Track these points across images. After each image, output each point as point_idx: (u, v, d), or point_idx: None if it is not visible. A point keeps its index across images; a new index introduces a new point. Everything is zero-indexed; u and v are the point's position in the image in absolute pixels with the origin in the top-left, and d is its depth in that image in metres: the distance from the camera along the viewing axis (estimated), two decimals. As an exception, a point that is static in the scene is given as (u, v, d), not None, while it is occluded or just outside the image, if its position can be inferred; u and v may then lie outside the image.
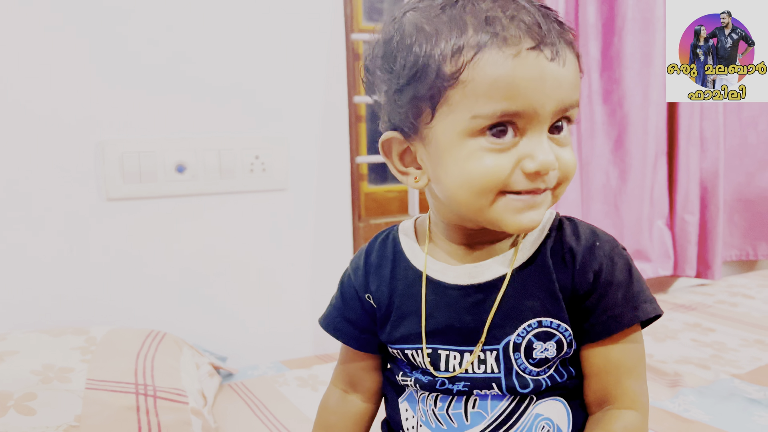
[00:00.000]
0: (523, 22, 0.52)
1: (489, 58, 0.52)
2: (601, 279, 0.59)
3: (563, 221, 0.64)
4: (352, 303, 0.70)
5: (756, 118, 1.89)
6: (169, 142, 1.26)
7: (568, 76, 0.54)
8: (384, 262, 0.68)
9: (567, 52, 0.54)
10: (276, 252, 1.38)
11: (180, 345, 1.13)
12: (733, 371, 1.18)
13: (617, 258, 0.61)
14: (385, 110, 0.60)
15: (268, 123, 1.34)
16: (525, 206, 0.55)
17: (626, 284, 0.60)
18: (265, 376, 1.24)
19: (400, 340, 0.66)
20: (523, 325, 0.60)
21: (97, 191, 1.22)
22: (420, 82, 0.55)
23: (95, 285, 1.23)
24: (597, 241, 0.61)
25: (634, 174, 1.70)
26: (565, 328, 0.60)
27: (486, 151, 0.54)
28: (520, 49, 0.52)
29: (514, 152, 0.54)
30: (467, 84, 0.53)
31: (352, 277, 0.71)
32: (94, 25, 1.18)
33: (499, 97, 0.52)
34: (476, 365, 0.61)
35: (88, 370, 0.93)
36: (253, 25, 1.31)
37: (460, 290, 0.62)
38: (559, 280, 0.60)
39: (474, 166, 0.55)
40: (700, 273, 1.83)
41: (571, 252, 0.61)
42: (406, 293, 0.65)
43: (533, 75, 0.52)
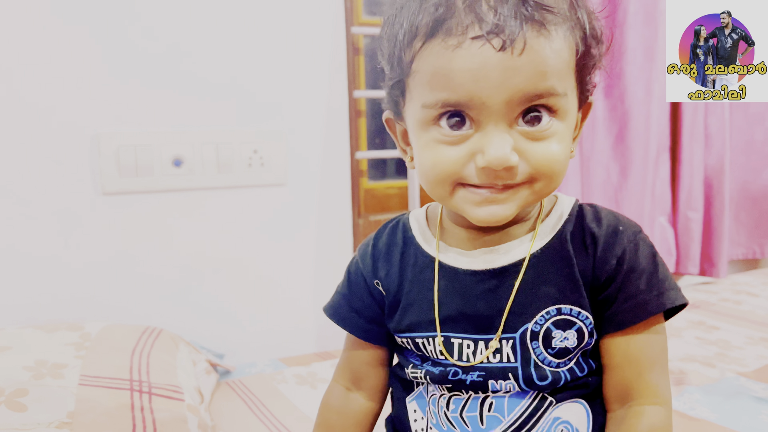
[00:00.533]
0: (477, 6, 0.49)
1: (432, 49, 0.51)
2: (624, 265, 0.57)
3: (584, 207, 0.61)
4: (360, 291, 0.67)
5: (763, 114, 1.87)
6: (166, 136, 1.24)
7: (527, 64, 0.49)
8: (393, 248, 0.66)
9: (534, 38, 0.49)
10: (274, 248, 1.36)
11: (176, 342, 1.11)
12: (739, 369, 1.16)
13: (641, 243, 0.58)
14: (384, 88, 0.60)
15: (266, 117, 1.32)
16: (483, 200, 0.53)
17: (650, 271, 0.57)
18: (263, 373, 1.22)
19: (410, 328, 0.63)
20: (541, 312, 0.57)
21: (93, 185, 1.20)
22: (392, 67, 0.56)
23: (90, 280, 1.21)
24: (620, 226, 0.58)
25: (636, 170, 1.68)
26: (586, 315, 0.57)
27: (439, 143, 0.53)
28: (463, 39, 0.49)
29: (468, 145, 0.52)
30: (416, 74, 0.53)
31: (360, 264, 0.68)
32: (92, 17, 1.16)
33: (440, 87, 0.51)
34: (492, 355, 0.58)
35: (81, 366, 0.91)
36: (252, 19, 1.29)
37: (474, 276, 0.59)
38: (580, 265, 0.58)
39: (428, 156, 0.54)
40: (705, 271, 1.81)
41: (592, 237, 0.58)
42: (416, 279, 0.63)
43: (473, 66, 0.49)
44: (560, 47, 0.51)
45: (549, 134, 0.52)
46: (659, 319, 0.58)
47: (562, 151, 0.53)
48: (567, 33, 0.52)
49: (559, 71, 0.51)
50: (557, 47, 0.51)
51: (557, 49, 0.51)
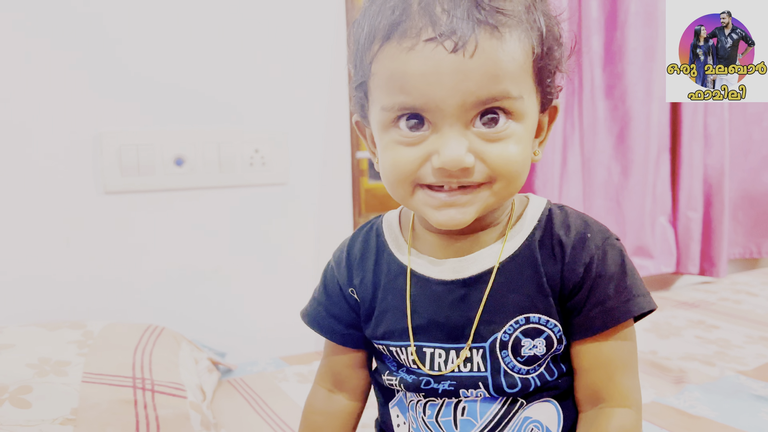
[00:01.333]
0: (431, 9, 0.49)
1: (388, 52, 0.52)
2: (591, 272, 0.57)
3: (553, 211, 0.61)
4: (336, 298, 0.67)
5: (761, 114, 1.88)
6: (168, 135, 1.24)
7: (479, 67, 0.49)
8: (367, 254, 0.66)
9: (486, 40, 0.49)
10: (276, 247, 1.37)
11: (178, 340, 1.11)
12: (739, 368, 1.16)
13: (609, 249, 0.58)
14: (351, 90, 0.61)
15: (268, 116, 1.33)
16: (442, 204, 0.53)
17: (618, 277, 0.57)
18: (264, 372, 1.22)
19: (384, 336, 0.63)
20: (510, 321, 0.58)
21: (95, 184, 1.20)
22: (356, 69, 0.57)
23: (92, 279, 1.21)
24: (588, 232, 0.58)
25: (637, 170, 1.68)
26: (554, 323, 0.58)
27: (398, 144, 0.53)
28: (416, 42, 0.50)
29: (425, 146, 0.52)
30: (375, 76, 0.54)
31: (336, 270, 0.68)
32: (95, 16, 1.16)
33: (396, 90, 0.52)
34: (462, 364, 0.59)
35: (84, 363, 0.92)
36: (254, 18, 1.29)
37: (445, 285, 0.60)
38: (548, 273, 0.58)
39: (387, 157, 0.55)
40: (704, 270, 1.81)
41: (560, 244, 0.58)
42: (389, 287, 0.63)
43: (426, 69, 0.50)
44: (514, 50, 0.51)
45: (505, 135, 0.52)
46: (628, 324, 0.59)
47: (520, 152, 0.53)
48: (522, 35, 0.52)
49: (512, 74, 0.51)
50: (510, 50, 0.51)
51: (510, 52, 0.51)
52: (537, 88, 0.55)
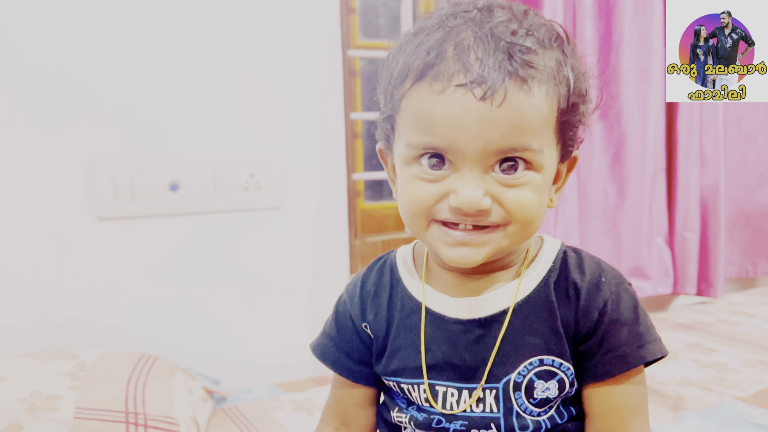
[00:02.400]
0: (465, 56, 0.51)
1: (419, 92, 0.53)
2: (606, 316, 0.57)
3: (568, 253, 0.62)
4: (348, 333, 0.67)
5: (755, 133, 1.88)
6: (163, 160, 1.24)
7: (505, 117, 0.51)
8: (381, 290, 0.66)
9: (515, 92, 0.50)
10: (271, 271, 1.36)
11: (172, 369, 1.10)
12: (737, 394, 1.16)
13: (623, 294, 0.59)
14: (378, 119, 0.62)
15: (263, 140, 1.32)
16: (455, 242, 0.54)
17: (632, 322, 0.58)
18: (259, 399, 1.21)
19: (396, 373, 0.63)
20: (524, 363, 0.58)
21: (89, 210, 1.19)
22: (385, 102, 0.59)
23: (86, 306, 1.20)
24: (603, 277, 0.59)
25: (633, 190, 1.68)
26: (567, 366, 0.58)
27: (418, 179, 0.55)
28: (447, 86, 0.51)
29: (444, 184, 0.54)
30: (404, 112, 0.55)
31: (348, 305, 0.68)
32: (89, 40, 1.16)
33: (422, 130, 0.53)
34: (475, 404, 0.59)
35: (76, 397, 0.90)
36: (248, 42, 1.29)
37: (461, 325, 0.60)
38: (563, 316, 0.58)
39: (406, 190, 0.56)
40: (701, 291, 1.81)
41: (575, 287, 0.59)
42: (403, 324, 0.63)
43: (453, 113, 0.51)
44: (540, 103, 0.52)
45: (523, 182, 0.54)
46: (640, 370, 0.59)
47: (536, 199, 0.54)
48: (550, 90, 0.53)
49: (535, 128, 0.52)
50: (536, 103, 0.52)
51: (536, 105, 0.52)
52: (558, 140, 0.56)
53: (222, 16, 1.26)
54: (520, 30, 0.52)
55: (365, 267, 0.70)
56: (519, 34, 0.52)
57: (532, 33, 0.53)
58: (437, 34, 0.53)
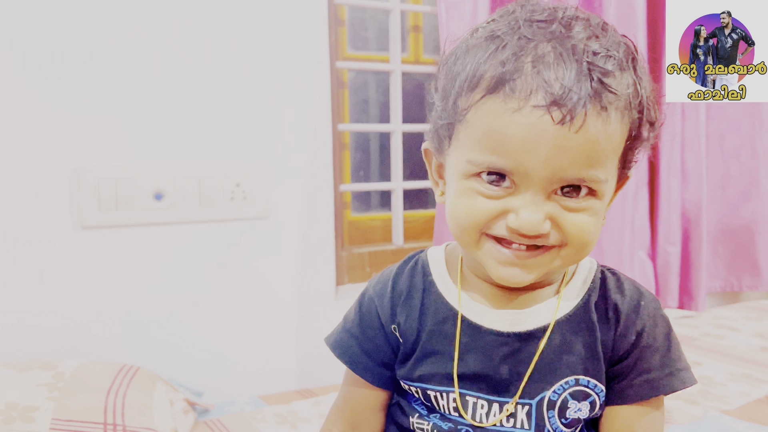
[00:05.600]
0: (545, 74, 0.48)
1: (491, 107, 0.50)
2: (642, 340, 0.58)
3: (606, 274, 0.62)
4: (373, 333, 0.64)
5: (738, 149, 1.91)
6: (148, 169, 1.23)
7: (580, 145, 0.48)
8: (414, 292, 0.63)
9: (593, 118, 0.48)
10: (256, 282, 1.34)
11: (154, 380, 1.08)
12: (722, 407, 1.16)
13: (659, 319, 0.59)
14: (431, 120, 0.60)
15: (249, 150, 1.32)
16: (507, 260, 0.53)
17: (665, 348, 0.58)
18: (242, 412, 1.19)
19: (422, 379, 0.61)
20: (560, 381, 0.57)
21: (71, 219, 1.18)
22: (445, 107, 0.55)
23: (67, 316, 1.18)
24: (642, 300, 0.59)
25: (615, 204, 1.67)
26: (601, 388, 0.58)
27: (477, 193, 0.53)
28: (524, 105, 0.48)
29: (504, 202, 0.52)
30: (470, 125, 0.52)
31: (377, 303, 0.64)
32: (73, 49, 1.15)
33: (490, 149, 0.51)
34: (506, 419, 0.58)
35: (53, 408, 0.88)
36: (236, 51, 1.29)
37: (498, 336, 0.59)
38: (602, 336, 0.58)
39: (463, 203, 0.54)
40: (684, 304, 1.82)
41: (615, 309, 0.59)
42: (436, 330, 0.61)
43: (527, 135, 0.48)
44: (614, 132, 0.51)
45: (584, 208, 0.52)
46: (663, 397, 0.59)
47: (594, 223, 0.53)
48: (625, 117, 0.51)
49: (605, 158, 0.51)
50: (611, 131, 0.50)
51: (611, 134, 0.50)
52: (620, 166, 0.55)
53: (210, 24, 1.26)
54: (601, 49, 0.49)
55: (393, 267, 0.67)
56: (600, 54, 0.49)
57: (611, 54, 0.50)
58: (513, 43, 0.50)
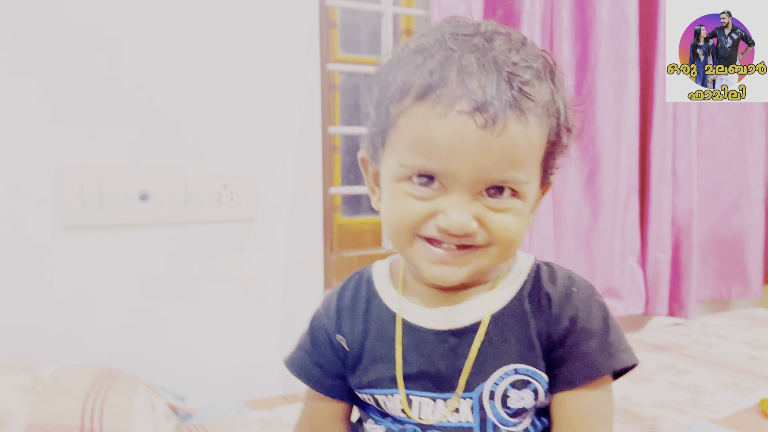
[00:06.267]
0: (469, 82, 0.51)
1: (419, 113, 0.53)
2: (576, 325, 0.59)
3: (541, 266, 0.63)
4: (322, 346, 0.67)
5: (729, 158, 1.91)
6: (133, 169, 1.21)
7: (502, 147, 0.52)
8: (357, 302, 0.66)
9: (513, 122, 0.52)
10: (243, 285, 1.33)
11: (135, 384, 1.06)
12: (711, 416, 1.15)
13: (594, 305, 0.60)
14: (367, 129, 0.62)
15: (237, 151, 1.30)
16: (438, 260, 0.56)
17: (602, 332, 0.59)
18: (226, 417, 1.17)
19: (371, 385, 0.63)
20: (499, 372, 0.59)
21: (54, 219, 1.16)
22: (378, 115, 0.58)
23: (48, 318, 1.16)
24: (573, 287, 0.60)
25: (606, 211, 1.69)
26: (542, 375, 0.59)
27: (408, 195, 0.56)
28: (449, 111, 0.52)
29: (434, 203, 0.55)
30: (401, 131, 0.56)
31: (324, 317, 0.68)
32: (58, 48, 1.14)
33: (420, 153, 0.54)
34: (450, 414, 0.59)
35: (29, 413, 0.86)
36: (225, 52, 1.28)
37: (436, 335, 0.61)
38: (536, 325, 0.59)
39: (395, 206, 0.57)
40: (673, 312, 1.81)
41: (547, 297, 0.60)
42: (379, 335, 0.63)
43: (453, 139, 0.52)
44: (533, 137, 0.54)
45: (508, 208, 0.55)
46: (608, 379, 0.60)
47: (519, 223, 0.56)
48: (543, 123, 0.55)
49: (526, 160, 0.54)
50: (531, 136, 0.54)
51: (530, 138, 0.54)
52: (542, 170, 0.59)
53: (200, 25, 1.25)
54: (520, 61, 0.53)
55: (341, 283, 0.70)
56: (519, 65, 0.53)
57: (530, 65, 0.54)
58: (439, 54, 0.53)
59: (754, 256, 1.96)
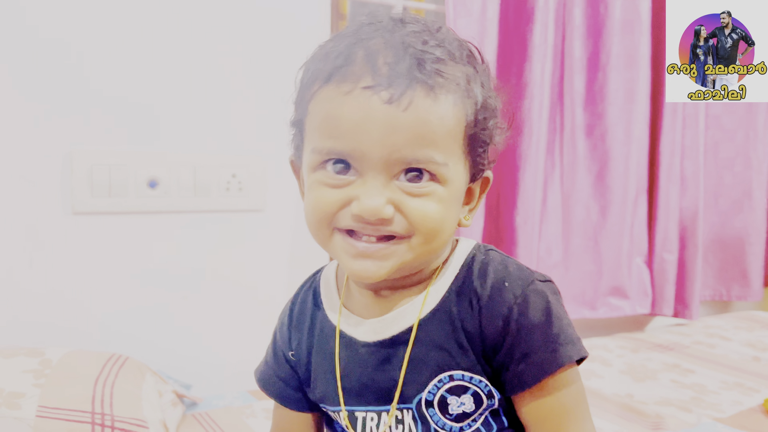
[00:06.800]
0: (374, 60, 0.50)
1: (326, 93, 0.52)
2: (511, 323, 0.54)
3: (476, 258, 0.59)
4: (281, 361, 0.67)
5: (732, 159, 1.91)
6: (143, 156, 1.20)
7: (410, 124, 0.49)
8: (304, 315, 0.65)
9: (421, 98, 0.50)
10: (249, 275, 1.32)
11: (143, 371, 1.06)
12: (716, 415, 1.15)
13: (531, 296, 0.55)
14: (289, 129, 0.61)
15: (246, 141, 1.30)
16: (358, 253, 0.52)
17: (543, 325, 0.55)
18: (231, 406, 1.17)
19: (321, 400, 0.63)
20: (433, 381, 0.56)
21: (62, 204, 1.15)
22: (296, 109, 0.58)
23: (55, 303, 1.15)
24: (506, 280, 0.56)
25: (615, 210, 1.69)
26: (479, 379, 0.56)
27: (322, 185, 0.53)
28: (354, 87, 0.50)
29: (348, 190, 0.52)
30: (311, 115, 0.54)
31: (278, 333, 0.68)
32: (69, 32, 1.13)
33: (328, 134, 0.52)
34: (394, 426, 0.58)
35: (40, 395, 0.86)
36: (237, 42, 1.27)
37: (368, 347, 0.59)
38: (465, 328, 0.56)
39: (310, 196, 0.54)
40: (678, 312, 1.82)
41: (476, 295, 0.56)
42: (321, 349, 0.62)
43: (358, 116, 0.50)
44: (445, 113, 0.51)
45: (426, 192, 0.52)
46: (562, 371, 0.55)
47: (440, 211, 0.53)
48: (457, 101, 0.52)
49: (440, 139, 0.51)
50: (442, 113, 0.51)
51: (442, 115, 0.51)
52: (466, 157, 0.55)
53: (211, 15, 1.24)
54: (431, 41, 0.52)
55: (298, 288, 0.69)
56: (429, 44, 0.51)
57: (443, 45, 0.52)
58: (349, 40, 0.53)
59: (756, 257, 1.97)
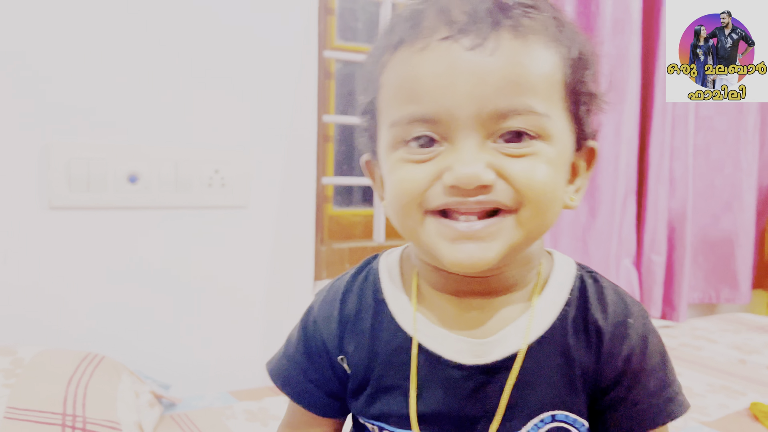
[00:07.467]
0: (448, 13, 0.44)
1: (399, 57, 0.46)
2: (632, 366, 0.50)
3: (585, 281, 0.52)
4: (320, 361, 0.56)
5: (723, 161, 1.91)
6: (123, 150, 1.17)
7: (500, 68, 0.43)
8: (363, 314, 0.54)
9: (509, 39, 0.43)
10: (231, 273, 1.30)
11: (119, 370, 1.03)
12: (702, 419, 1.14)
13: (650, 338, 0.51)
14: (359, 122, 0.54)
15: (230, 136, 1.27)
16: (459, 235, 0.44)
17: (660, 370, 0.51)
18: (211, 407, 1.14)
19: (379, 418, 0.53)
20: (534, 420, 0.50)
21: (39, 198, 1.12)
22: (366, 90, 0.51)
23: (31, 300, 1.12)
24: (629, 317, 0.50)
25: (604, 211, 1.68)
26: (582, 423, 0.50)
27: (404, 162, 0.46)
28: (429, 42, 0.44)
29: (437, 162, 0.45)
30: (383, 88, 0.48)
31: (322, 328, 0.55)
32: (47, 20, 1.10)
33: (406, 99, 0.45)
34: None
35: (9, 396, 0.83)
36: (220, 35, 1.24)
37: (461, 370, 0.50)
38: (582, 363, 0.50)
39: (392, 179, 0.47)
40: (665, 314, 1.81)
41: (597, 331, 0.50)
42: (390, 362, 0.52)
43: (439, 69, 0.43)
44: (540, 56, 0.45)
45: (531, 152, 0.44)
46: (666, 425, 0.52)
47: (551, 174, 0.45)
48: (550, 45, 0.46)
49: (536, 85, 0.44)
50: (536, 55, 0.44)
51: (536, 57, 0.44)
52: (570, 115, 0.48)
53: (194, 6, 1.21)
54: None
55: (344, 277, 0.57)
56: None
57: None
58: (412, 6, 0.47)
59: (744, 260, 1.96)
